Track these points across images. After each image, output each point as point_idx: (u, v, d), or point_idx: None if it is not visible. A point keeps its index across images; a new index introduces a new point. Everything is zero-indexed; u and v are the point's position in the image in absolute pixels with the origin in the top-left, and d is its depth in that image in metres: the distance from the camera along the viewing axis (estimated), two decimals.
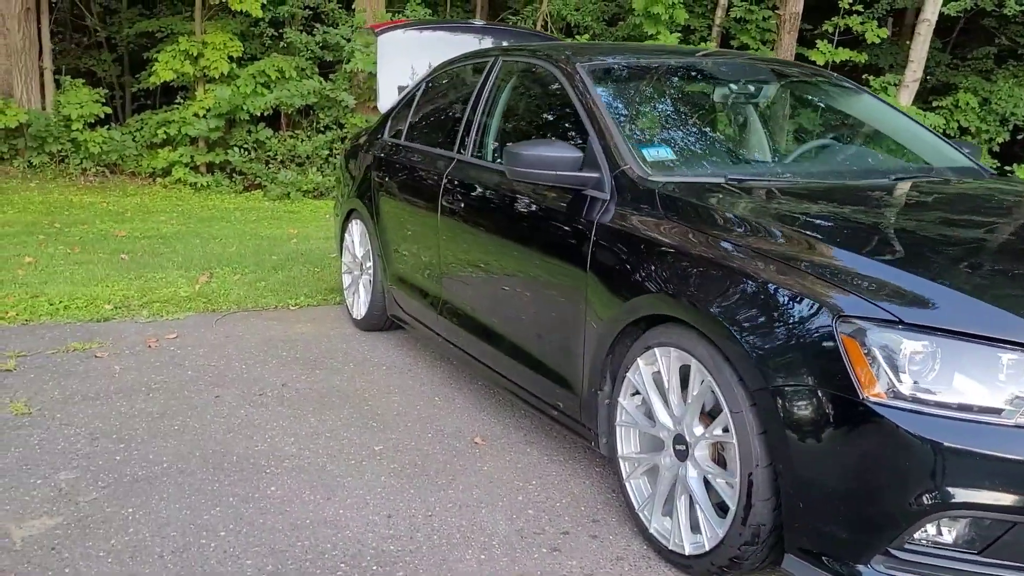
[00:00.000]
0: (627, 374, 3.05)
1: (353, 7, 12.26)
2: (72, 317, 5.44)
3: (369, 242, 5.18)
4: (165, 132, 11.39)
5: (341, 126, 11.56)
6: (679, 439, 2.85)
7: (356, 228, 5.40)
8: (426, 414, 4.13)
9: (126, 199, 10.33)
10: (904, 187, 3.47)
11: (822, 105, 4.51)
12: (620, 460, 3.15)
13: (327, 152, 11.35)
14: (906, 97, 11.18)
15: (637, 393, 3.06)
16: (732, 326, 2.59)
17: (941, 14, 11.31)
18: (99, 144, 11.34)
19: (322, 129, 11.59)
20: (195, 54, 11.34)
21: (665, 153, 3.45)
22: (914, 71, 11.18)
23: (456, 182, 4.21)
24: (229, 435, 3.82)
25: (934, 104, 12.69)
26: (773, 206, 3.08)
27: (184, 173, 11.29)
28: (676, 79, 4.11)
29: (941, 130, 11.73)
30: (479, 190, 4.04)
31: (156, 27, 12.56)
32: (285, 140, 11.41)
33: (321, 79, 11.48)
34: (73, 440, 3.71)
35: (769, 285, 2.56)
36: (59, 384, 4.33)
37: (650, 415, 3.00)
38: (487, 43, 5.75)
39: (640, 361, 2.99)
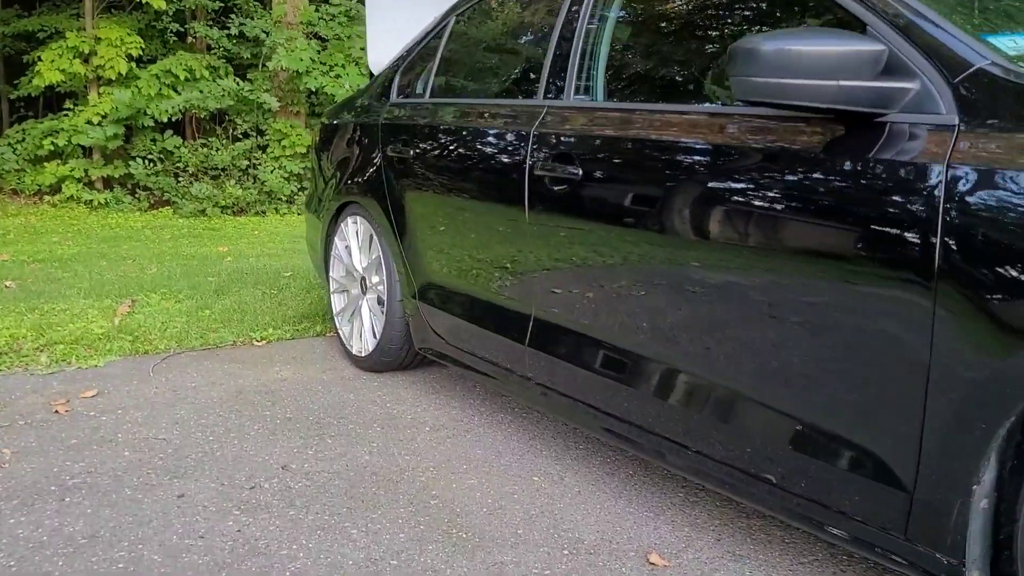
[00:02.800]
0: None
1: None
2: None
3: (380, 248, 3.46)
4: (52, 143, 9.27)
5: (262, 133, 9.68)
6: None
7: (355, 231, 3.67)
8: (536, 509, 2.45)
9: (6, 219, 8.20)
10: None
11: None
12: None
13: (247, 162, 9.46)
14: None
15: None
16: None
17: None
18: None
19: (240, 136, 9.70)
20: (86, 52, 9.29)
21: None
22: None
23: (555, 140, 2.56)
24: None
25: None
26: None
27: (77, 189, 9.21)
28: None
29: None
30: (621, 146, 2.39)
31: (37, 26, 10.37)
32: (197, 150, 9.46)
33: (238, 80, 9.59)
34: None
35: None
36: None
37: None
38: None
39: None
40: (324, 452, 2.81)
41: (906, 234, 1.68)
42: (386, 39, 4.11)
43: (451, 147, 3.08)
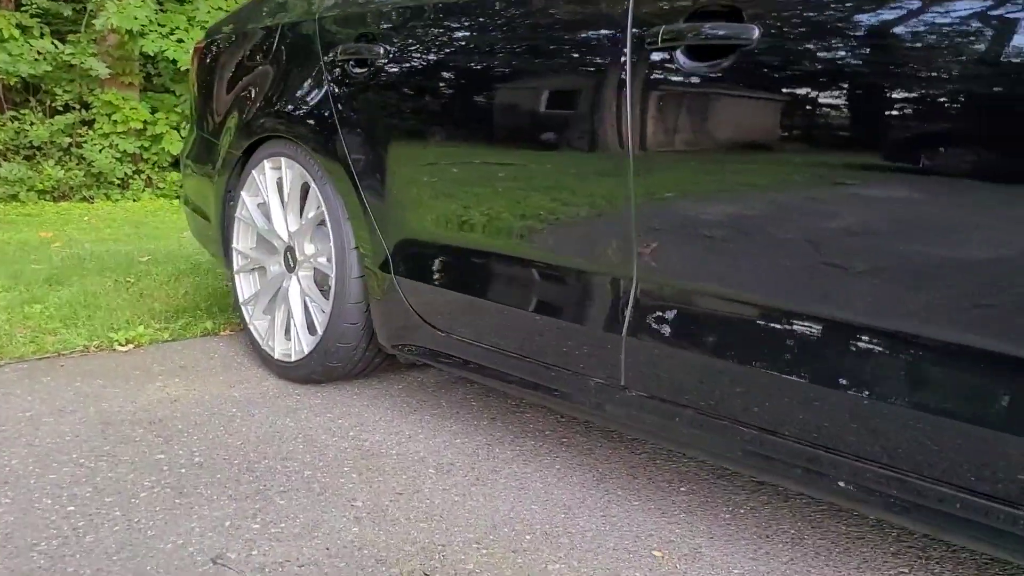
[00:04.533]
0: None
1: None
2: None
3: (323, 202, 2.26)
4: None
5: (88, 106, 8.03)
6: None
7: (274, 181, 2.45)
8: None
9: None
10: None
11: None
12: None
13: (69, 140, 7.79)
14: None
15: None
16: None
17: None
18: None
19: (60, 109, 8.00)
20: None
21: None
22: None
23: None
24: None
25: None
26: None
27: None
28: None
29: None
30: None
31: None
32: (5, 124, 7.69)
33: (56, 42, 7.88)
34: None
35: None
36: None
37: None
38: None
39: None
40: (279, 524, 1.62)
41: None
42: None
43: (474, 28, 1.93)
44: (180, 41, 8.01)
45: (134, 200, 7.72)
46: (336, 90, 2.19)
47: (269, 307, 2.53)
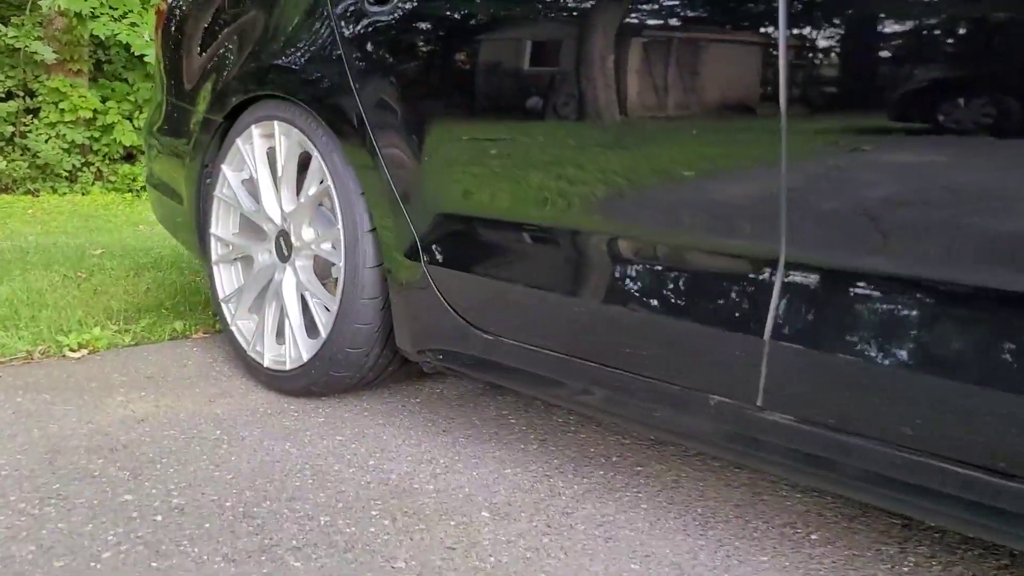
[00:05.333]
0: None
1: None
2: None
3: (329, 174, 1.80)
4: None
5: (32, 93, 7.42)
6: None
7: (263, 151, 1.99)
8: None
9: None
10: None
11: None
12: None
13: (12, 128, 7.19)
14: None
15: None
16: None
17: None
18: None
19: (3, 96, 7.39)
20: None
21: None
22: None
23: None
24: None
25: None
26: None
27: None
28: None
29: None
30: None
31: None
32: None
33: None
34: None
35: None
36: None
37: None
38: None
39: None
40: None
41: None
42: None
43: None
44: (134, 25, 7.45)
45: (83, 194, 7.14)
46: (348, 32, 1.74)
47: (256, 305, 2.07)
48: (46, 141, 7.20)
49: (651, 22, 1.29)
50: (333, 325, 1.82)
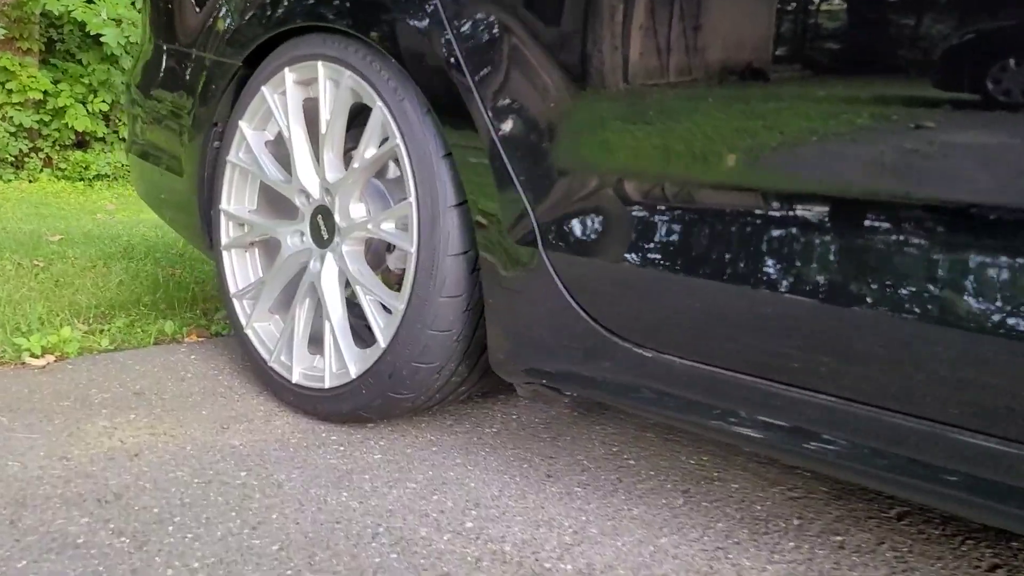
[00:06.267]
0: None
1: None
2: None
3: (410, 128, 1.33)
4: None
5: None
6: None
7: (298, 102, 1.51)
8: None
9: None
10: None
11: None
12: None
13: None
14: None
15: None
16: None
17: None
18: None
19: None
20: None
21: None
22: None
23: None
24: None
25: None
26: None
27: None
28: None
29: None
30: None
31: None
32: None
33: None
34: None
35: None
36: None
37: None
38: None
39: None
40: None
41: None
42: None
43: None
44: (90, 2, 6.84)
45: (30, 181, 6.50)
46: None
47: (281, 302, 1.58)
48: None
49: None
50: (397, 331, 1.35)
